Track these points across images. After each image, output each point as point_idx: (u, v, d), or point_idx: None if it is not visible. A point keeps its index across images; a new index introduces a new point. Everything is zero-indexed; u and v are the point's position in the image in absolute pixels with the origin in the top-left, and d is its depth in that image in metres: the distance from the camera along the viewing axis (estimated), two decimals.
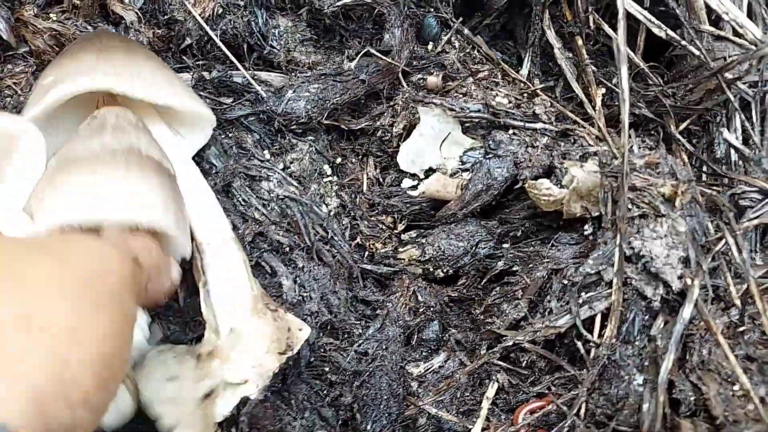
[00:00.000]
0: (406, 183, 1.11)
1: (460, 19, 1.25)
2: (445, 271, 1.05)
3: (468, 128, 1.08)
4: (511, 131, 1.06)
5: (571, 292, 0.94)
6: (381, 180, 1.14)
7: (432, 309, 1.04)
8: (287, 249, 1.01)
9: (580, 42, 1.20)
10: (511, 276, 1.01)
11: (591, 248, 0.97)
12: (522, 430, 0.92)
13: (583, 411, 0.90)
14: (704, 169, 1.12)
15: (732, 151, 1.08)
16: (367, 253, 1.10)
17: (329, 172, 1.10)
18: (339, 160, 1.13)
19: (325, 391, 0.99)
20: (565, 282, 0.95)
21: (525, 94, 1.14)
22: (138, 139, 0.83)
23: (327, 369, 1.00)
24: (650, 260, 0.90)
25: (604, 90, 1.13)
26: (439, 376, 1.02)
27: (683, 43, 1.10)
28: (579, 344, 0.93)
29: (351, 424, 0.98)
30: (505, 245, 1.04)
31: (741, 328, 0.93)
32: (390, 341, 1.01)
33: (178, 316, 0.96)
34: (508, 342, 0.96)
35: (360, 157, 1.17)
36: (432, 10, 1.26)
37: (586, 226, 0.99)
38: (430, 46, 1.25)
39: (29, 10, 1.15)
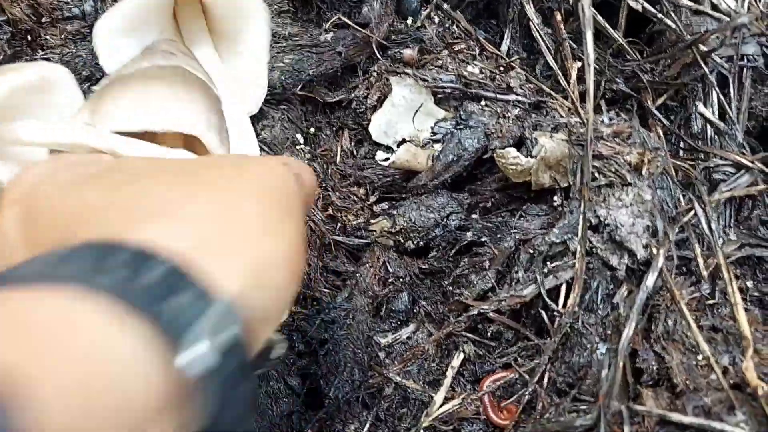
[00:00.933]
0: (380, 155, 1.11)
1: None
2: (415, 242, 1.05)
3: (441, 100, 1.07)
4: (483, 102, 1.05)
5: (537, 262, 0.93)
6: (355, 152, 1.14)
7: (402, 280, 1.04)
8: None
9: (558, 17, 1.19)
10: (479, 247, 1.01)
11: (558, 218, 0.96)
12: (485, 396, 0.91)
13: (546, 380, 0.89)
14: (681, 144, 1.11)
15: (708, 126, 1.07)
16: (339, 224, 1.09)
17: (302, 141, 1.10)
18: (312, 130, 1.13)
19: (292, 360, 0.99)
20: (532, 252, 0.94)
21: (500, 68, 1.13)
22: (186, 63, 0.86)
23: (295, 338, 1.00)
24: (615, 228, 0.89)
25: (580, 64, 1.12)
26: (406, 347, 1.01)
27: (659, 16, 1.09)
28: (544, 314, 0.92)
29: (317, 392, 0.98)
30: (474, 216, 1.03)
31: (710, 302, 0.93)
32: (357, 311, 1.00)
33: None
34: (473, 311, 0.95)
35: (335, 129, 1.16)
36: None
37: (555, 197, 0.99)
38: (409, 21, 1.24)
39: None
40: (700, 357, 0.85)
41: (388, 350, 1.01)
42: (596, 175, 0.92)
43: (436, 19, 1.25)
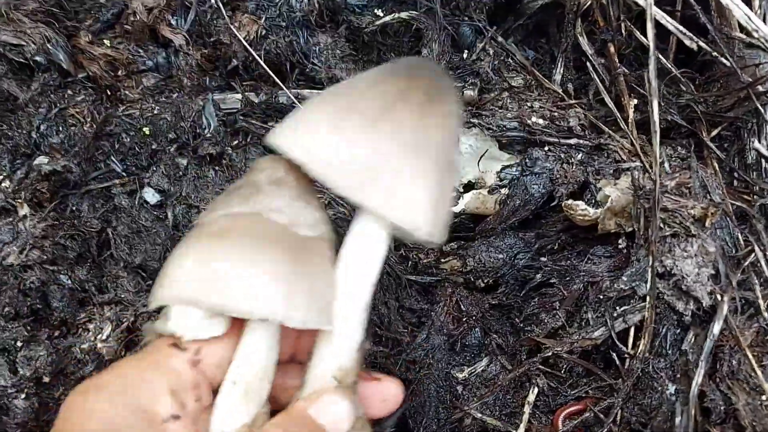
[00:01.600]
0: None
1: (494, 27, 1.28)
2: (485, 281, 1.12)
3: (504, 144, 1.13)
4: (546, 147, 1.10)
5: (607, 306, 1.00)
6: None
7: (474, 317, 1.11)
8: None
9: (612, 49, 1.22)
10: (548, 288, 1.08)
11: (624, 262, 1.02)
12: None
13: (618, 418, 0.97)
14: (735, 175, 1.15)
15: (763, 161, 1.12)
16: (410, 263, 1.16)
17: None
18: None
19: None
20: (601, 297, 1.01)
21: (558, 105, 1.17)
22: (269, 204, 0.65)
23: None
24: (681, 278, 0.96)
25: (636, 101, 1.16)
26: (482, 379, 1.09)
27: (714, 54, 1.13)
28: (614, 355, 1.00)
29: (402, 425, 1.06)
30: (543, 258, 1.10)
31: None
32: (436, 349, 1.08)
33: None
34: (547, 353, 1.02)
35: None
36: (466, 18, 1.29)
37: (620, 240, 1.05)
38: (465, 54, 1.29)
39: (84, 37, 1.21)
40: (764, 397, 0.92)
41: (465, 383, 1.09)
42: (661, 225, 0.97)
43: (491, 51, 1.29)
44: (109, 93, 1.21)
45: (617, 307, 1.00)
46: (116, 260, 1.01)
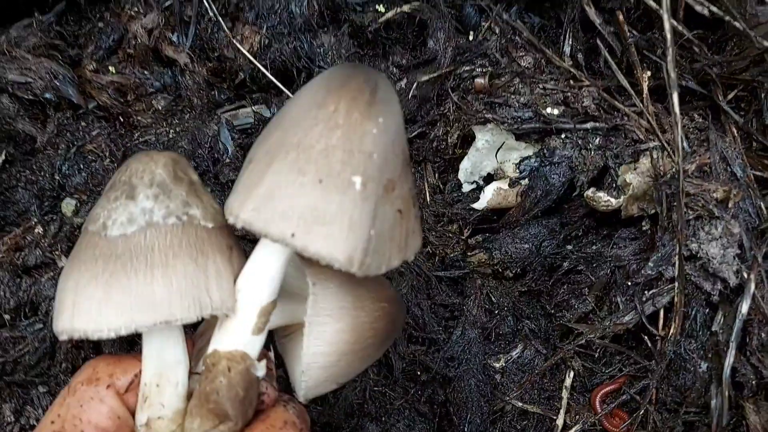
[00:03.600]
0: (467, 187, 1.18)
1: (498, 5, 1.26)
2: (513, 271, 1.14)
3: (521, 135, 1.13)
4: (563, 135, 1.10)
5: (636, 290, 1.02)
6: (441, 187, 1.21)
7: (505, 307, 1.14)
8: None
9: (621, 17, 1.20)
10: (576, 274, 1.10)
11: (650, 244, 1.04)
12: (603, 419, 1.04)
13: (654, 398, 1.01)
14: (754, 137, 1.15)
15: None
16: (437, 258, 1.19)
17: None
18: None
19: (420, 392, 1.11)
20: (629, 283, 1.03)
21: (571, 85, 1.16)
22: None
23: (418, 372, 1.12)
24: (708, 261, 0.97)
25: (649, 73, 1.14)
26: (518, 365, 1.13)
27: (727, 18, 1.10)
28: (646, 338, 1.03)
29: (446, 418, 1.11)
30: (569, 246, 1.11)
31: None
32: (471, 343, 1.12)
33: None
34: (580, 340, 1.05)
35: (417, 163, 1.23)
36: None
37: (643, 222, 1.06)
38: (471, 36, 1.27)
39: (89, 66, 1.21)
40: None
41: (503, 372, 1.13)
42: (685, 209, 0.98)
43: (497, 30, 1.27)
44: (121, 120, 1.21)
45: (646, 291, 1.03)
46: None
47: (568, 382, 1.09)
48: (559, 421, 1.06)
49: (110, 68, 1.22)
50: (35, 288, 0.99)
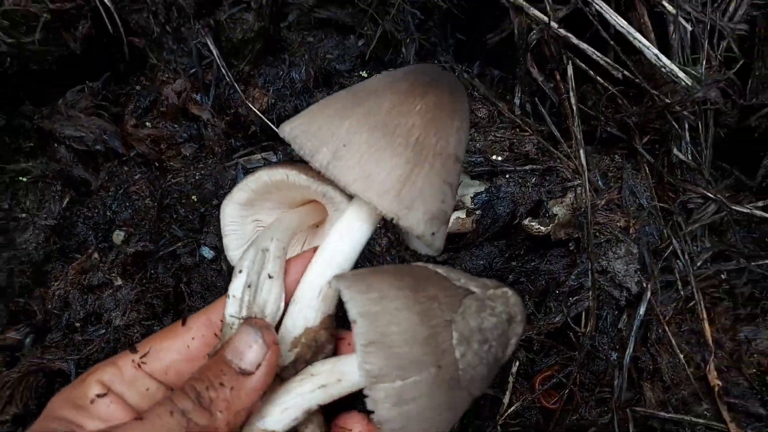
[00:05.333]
0: None
1: (461, 66, 1.56)
2: None
3: (475, 175, 1.42)
4: (507, 175, 1.39)
5: (563, 297, 1.32)
6: None
7: None
8: None
9: (557, 76, 1.49)
10: (519, 285, 1.39)
11: (574, 262, 1.33)
12: (539, 395, 1.33)
13: (577, 381, 1.30)
14: (663, 176, 1.44)
15: (682, 165, 1.40)
16: None
17: None
18: None
19: None
20: (558, 291, 1.32)
21: (516, 133, 1.46)
22: None
23: None
24: (614, 274, 1.26)
25: (584, 127, 1.43)
26: None
27: (637, 81, 1.40)
28: (570, 334, 1.32)
29: None
30: (513, 262, 1.41)
31: (691, 303, 1.31)
32: None
33: None
34: (523, 336, 1.34)
35: None
36: (436, 61, 1.56)
37: (570, 244, 1.35)
38: None
39: (130, 122, 1.51)
40: (682, 356, 1.24)
41: None
42: (597, 234, 1.28)
43: None
44: (157, 164, 1.51)
45: (570, 298, 1.32)
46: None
47: (514, 369, 1.38)
48: (506, 400, 1.35)
49: (147, 123, 1.52)
50: (99, 302, 1.29)
